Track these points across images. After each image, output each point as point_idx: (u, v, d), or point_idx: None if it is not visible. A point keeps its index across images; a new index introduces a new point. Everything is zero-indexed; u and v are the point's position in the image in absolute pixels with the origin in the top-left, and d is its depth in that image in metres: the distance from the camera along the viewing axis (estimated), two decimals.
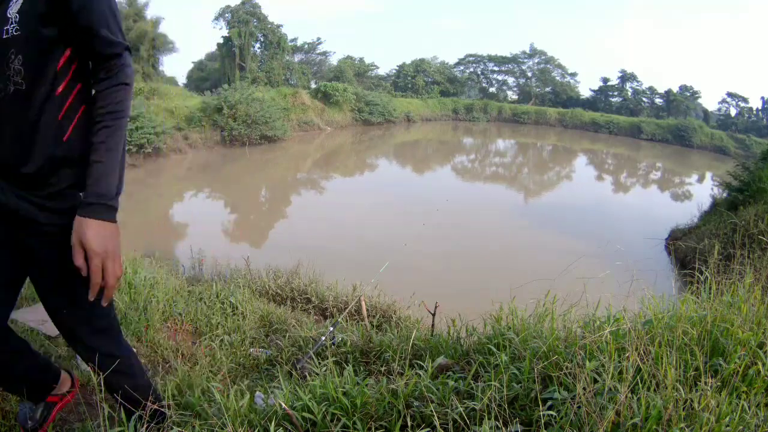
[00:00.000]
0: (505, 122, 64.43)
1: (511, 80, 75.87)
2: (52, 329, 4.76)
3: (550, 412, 2.37)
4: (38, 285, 2.37)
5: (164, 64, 40.87)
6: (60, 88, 2.07)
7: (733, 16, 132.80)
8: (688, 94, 67.20)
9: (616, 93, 70.72)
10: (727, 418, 2.23)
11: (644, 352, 2.57)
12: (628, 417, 2.23)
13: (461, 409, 2.50)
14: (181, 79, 62.77)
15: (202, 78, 60.68)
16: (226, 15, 55.55)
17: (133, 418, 2.57)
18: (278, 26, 57.20)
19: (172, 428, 2.66)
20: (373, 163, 35.92)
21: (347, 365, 3.39)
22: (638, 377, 2.45)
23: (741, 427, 2.24)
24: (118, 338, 2.64)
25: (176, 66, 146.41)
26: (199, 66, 66.28)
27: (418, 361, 3.38)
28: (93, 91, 2.15)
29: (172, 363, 4.78)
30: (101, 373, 2.36)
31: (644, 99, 69.65)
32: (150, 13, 34.34)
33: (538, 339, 3.19)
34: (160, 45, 35.36)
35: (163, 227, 18.49)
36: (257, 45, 57.10)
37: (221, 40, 54.66)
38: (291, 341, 5.33)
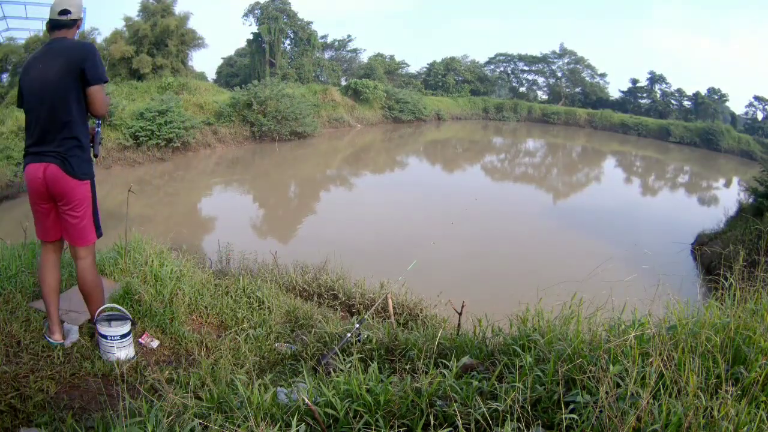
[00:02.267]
0: (534, 122, 63.93)
1: (541, 80, 75.21)
2: (75, 319, 4.84)
3: (572, 416, 2.40)
4: None
5: (193, 60, 41.09)
6: None
7: (761, 19, 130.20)
8: (716, 97, 65.86)
9: (644, 95, 69.55)
10: (746, 428, 2.24)
11: (667, 358, 2.58)
12: (649, 423, 2.25)
13: (484, 410, 2.53)
14: (211, 75, 63.32)
15: (231, 74, 61.00)
16: (256, 11, 55.96)
17: (153, 408, 2.61)
18: (308, 23, 57.39)
19: (193, 420, 2.70)
20: (403, 160, 35.86)
21: (372, 362, 3.42)
22: (661, 383, 2.45)
23: None
24: None
25: (206, 61, 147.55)
26: (228, 62, 66.64)
27: (443, 360, 3.40)
28: None
29: (196, 356, 4.84)
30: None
31: (673, 101, 68.39)
32: (179, 9, 34.44)
33: (563, 341, 3.20)
34: (189, 40, 35.47)
35: (190, 220, 18.63)
36: (287, 41, 57.32)
37: (251, 37, 54.95)
38: (316, 337, 5.38)
